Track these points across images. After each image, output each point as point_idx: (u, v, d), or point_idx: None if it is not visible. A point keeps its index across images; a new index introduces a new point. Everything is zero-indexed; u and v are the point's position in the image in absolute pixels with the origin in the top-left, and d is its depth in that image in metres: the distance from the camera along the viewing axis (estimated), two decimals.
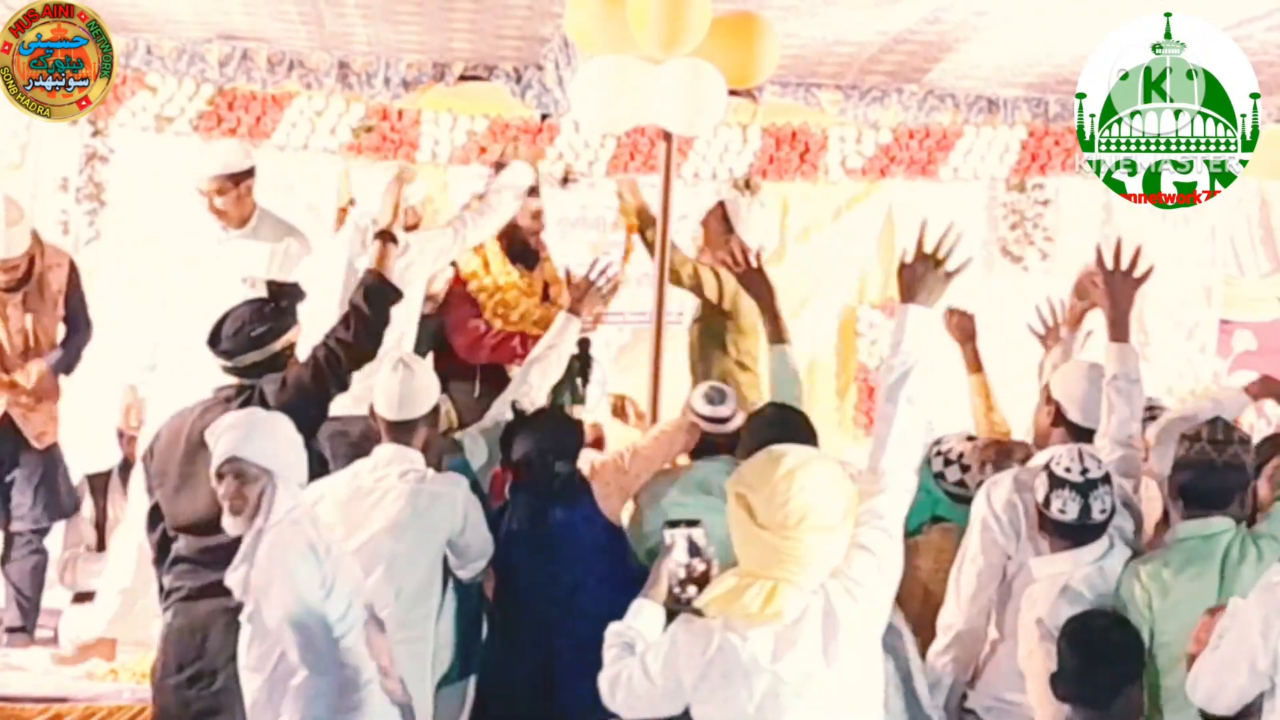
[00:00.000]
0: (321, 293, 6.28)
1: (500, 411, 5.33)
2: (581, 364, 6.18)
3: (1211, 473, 4.52)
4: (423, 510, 4.73)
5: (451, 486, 4.81)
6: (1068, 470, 4.55)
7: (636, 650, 3.54)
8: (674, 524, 3.94)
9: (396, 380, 4.85)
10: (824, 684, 3.28)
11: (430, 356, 6.24)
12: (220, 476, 4.27)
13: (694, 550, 3.77)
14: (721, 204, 6.90)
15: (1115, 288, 4.91)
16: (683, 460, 5.37)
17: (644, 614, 3.71)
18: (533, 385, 5.38)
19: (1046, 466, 4.61)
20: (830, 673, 3.28)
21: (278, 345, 4.93)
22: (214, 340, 4.96)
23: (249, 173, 6.45)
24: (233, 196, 6.37)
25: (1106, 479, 4.55)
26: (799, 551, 3.24)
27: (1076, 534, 4.57)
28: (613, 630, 3.69)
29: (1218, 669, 3.82)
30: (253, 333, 4.89)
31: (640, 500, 5.22)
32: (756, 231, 6.92)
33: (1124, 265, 4.88)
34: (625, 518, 5.26)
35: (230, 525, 4.28)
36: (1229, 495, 4.53)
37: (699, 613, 3.38)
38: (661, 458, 5.29)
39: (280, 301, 5.01)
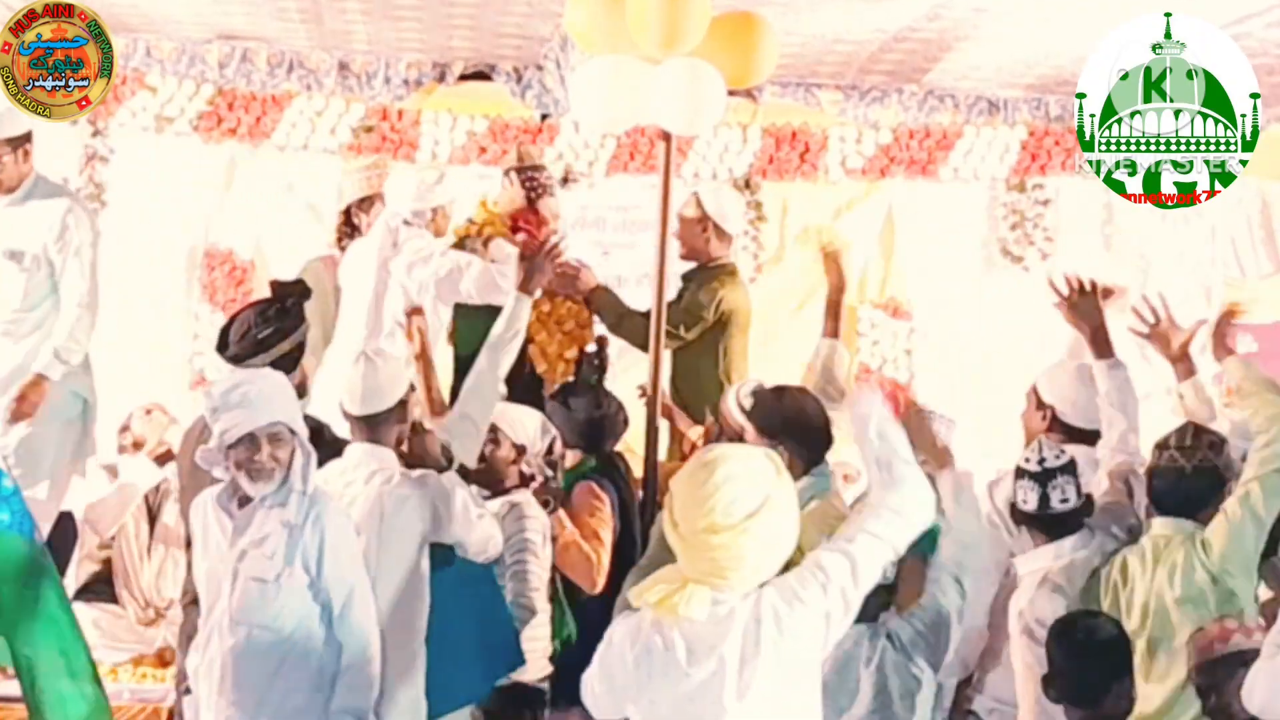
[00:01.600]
0: (354, 294, 6.32)
1: (471, 402, 5.16)
2: (599, 365, 6.18)
3: (1182, 480, 4.55)
4: (389, 516, 4.56)
5: (417, 487, 4.61)
6: (1026, 460, 4.60)
7: None
8: None
9: (359, 374, 4.70)
10: (743, 689, 3.20)
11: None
12: (256, 443, 4.22)
13: None
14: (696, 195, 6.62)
15: (1077, 311, 5.02)
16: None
17: None
18: (493, 370, 5.19)
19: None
20: (748, 679, 3.20)
21: (286, 346, 4.90)
22: (222, 345, 4.94)
23: (26, 137, 6.22)
24: (9, 163, 6.16)
25: (1067, 469, 4.58)
26: (711, 553, 3.18)
27: (1048, 526, 4.59)
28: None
29: (1274, 675, 3.81)
30: (259, 336, 4.86)
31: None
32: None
33: (1076, 288, 5.00)
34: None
35: (255, 489, 4.25)
36: (1203, 501, 4.55)
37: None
38: None
39: (285, 301, 4.98)
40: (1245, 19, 7.01)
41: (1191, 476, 4.54)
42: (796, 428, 4.84)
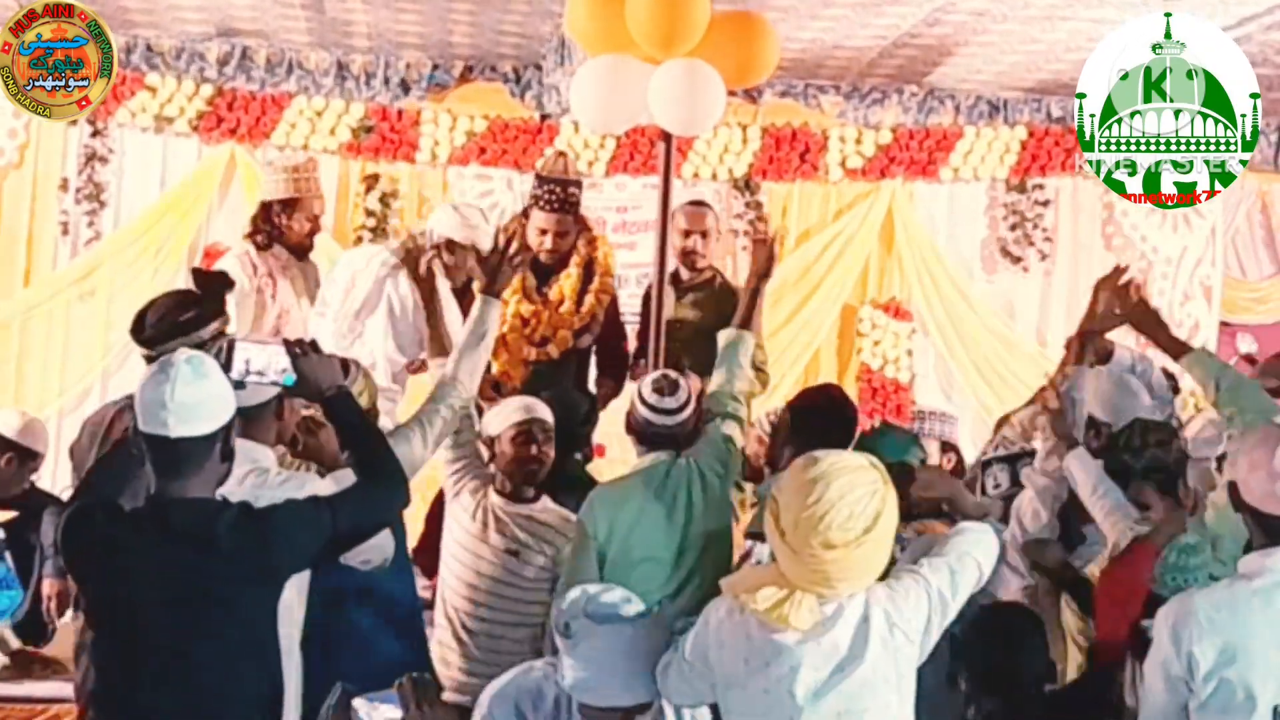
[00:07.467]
0: (347, 285, 6.31)
1: (440, 405, 4.78)
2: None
3: (1132, 479, 4.53)
4: None
5: (294, 488, 4.16)
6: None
7: None
8: (755, 535, 4.21)
9: None
10: (849, 671, 3.27)
11: None
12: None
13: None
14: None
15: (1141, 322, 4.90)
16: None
17: None
18: (462, 379, 4.80)
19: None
20: (850, 673, 3.27)
21: (204, 334, 4.76)
22: (137, 329, 4.83)
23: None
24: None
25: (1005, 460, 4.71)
26: (823, 566, 3.22)
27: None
28: (680, 627, 3.74)
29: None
30: (180, 318, 4.78)
31: (595, 496, 4.78)
32: None
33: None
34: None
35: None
36: (1156, 498, 4.51)
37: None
38: None
39: (207, 290, 4.90)
40: (1244, 21, 7.01)
41: (1141, 475, 4.52)
42: (827, 421, 4.82)
